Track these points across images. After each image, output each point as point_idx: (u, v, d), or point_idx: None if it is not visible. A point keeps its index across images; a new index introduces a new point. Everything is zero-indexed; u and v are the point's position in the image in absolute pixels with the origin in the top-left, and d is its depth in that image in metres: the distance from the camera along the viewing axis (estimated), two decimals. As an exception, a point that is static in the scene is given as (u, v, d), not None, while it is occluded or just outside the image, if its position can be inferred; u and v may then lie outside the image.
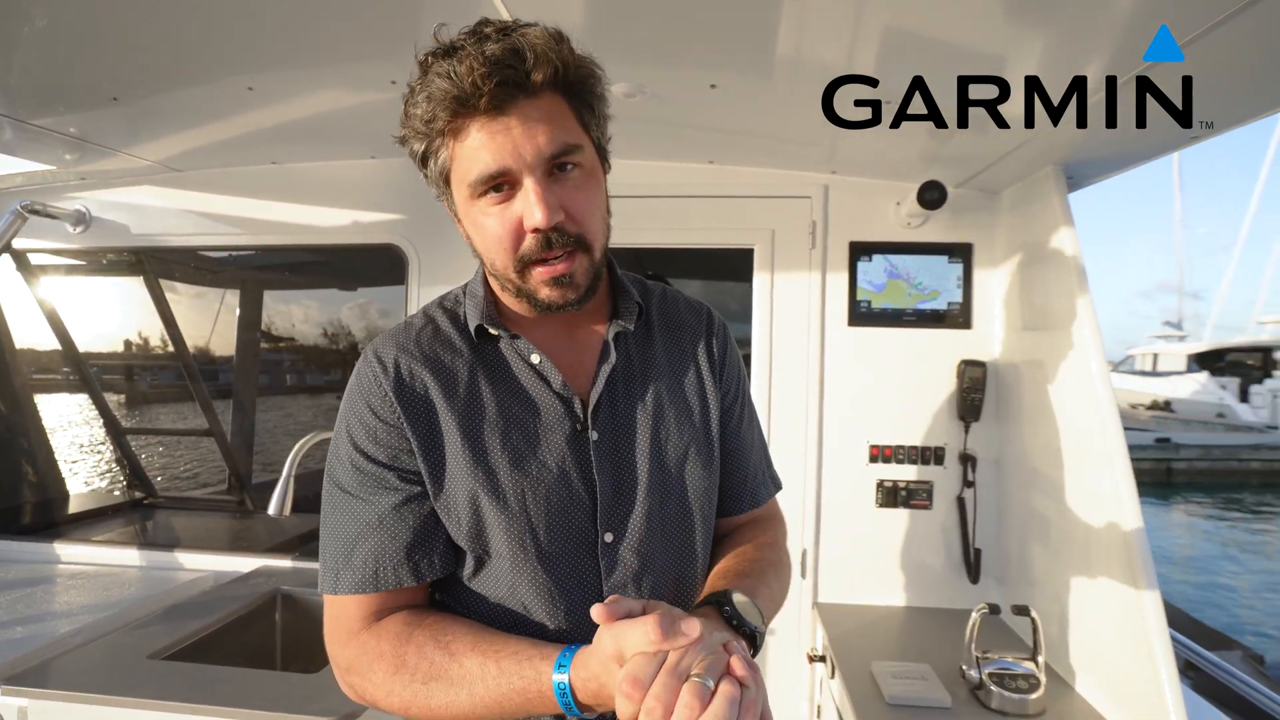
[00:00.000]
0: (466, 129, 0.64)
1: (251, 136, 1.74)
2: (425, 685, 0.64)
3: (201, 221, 2.02)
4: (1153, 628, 1.14)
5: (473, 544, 0.70)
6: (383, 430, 0.70)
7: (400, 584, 0.68)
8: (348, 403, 0.73)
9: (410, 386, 0.71)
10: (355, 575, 0.68)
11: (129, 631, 1.52)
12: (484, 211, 0.66)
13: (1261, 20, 0.84)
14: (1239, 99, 1.09)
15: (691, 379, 0.82)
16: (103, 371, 2.48)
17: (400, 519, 0.69)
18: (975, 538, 1.73)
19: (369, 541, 0.68)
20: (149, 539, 2.29)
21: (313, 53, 1.27)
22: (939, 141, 1.52)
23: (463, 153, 0.65)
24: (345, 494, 0.71)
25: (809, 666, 1.79)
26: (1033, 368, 1.58)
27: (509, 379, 0.73)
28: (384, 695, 0.66)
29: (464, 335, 0.75)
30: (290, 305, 2.96)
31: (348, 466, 0.71)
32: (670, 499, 0.76)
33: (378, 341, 0.75)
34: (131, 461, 2.52)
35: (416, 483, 0.70)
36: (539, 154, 0.63)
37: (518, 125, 0.63)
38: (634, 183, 1.85)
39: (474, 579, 0.72)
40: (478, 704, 0.62)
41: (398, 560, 0.68)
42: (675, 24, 1.10)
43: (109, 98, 1.44)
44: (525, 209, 0.64)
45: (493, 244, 0.67)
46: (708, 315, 0.88)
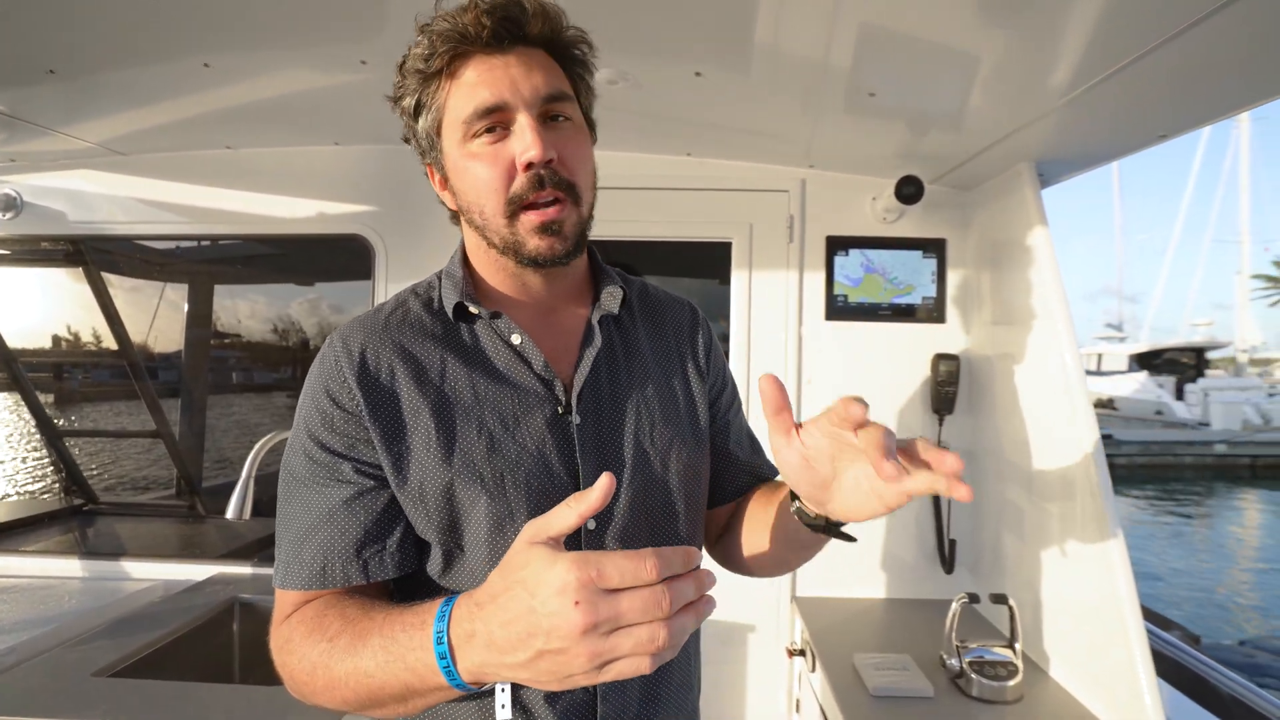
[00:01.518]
0: (464, 67, 0.65)
1: (205, 118, 1.64)
2: (330, 644, 0.59)
3: (148, 209, 1.90)
4: (1128, 613, 1.16)
5: (445, 536, 0.67)
6: (340, 419, 0.67)
7: (348, 581, 0.65)
8: (308, 389, 0.70)
9: (375, 374, 0.68)
10: (304, 571, 0.65)
11: (70, 648, 1.41)
12: (474, 153, 0.65)
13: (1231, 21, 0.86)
14: (1199, 102, 1.13)
15: (676, 368, 0.81)
16: (31, 370, 2.31)
17: (351, 514, 0.65)
18: (950, 529, 1.76)
19: (319, 536, 0.65)
20: (90, 547, 2.14)
21: (277, 30, 1.20)
22: (915, 137, 1.53)
23: (459, 90, 0.65)
24: (299, 483, 0.67)
25: (788, 661, 1.79)
26: (1005, 361, 1.61)
27: (485, 362, 0.71)
28: (299, 666, 0.61)
29: (438, 318, 0.73)
30: (236, 300, 2.81)
31: (301, 455, 0.68)
32: (655, 487, 0.74)
33: (345, 326, 0.72)
34: (69, 465, 2.35)
35: (372, 476, 0.67)
36: (535, 92, 0.64)
37: (516, 64, 0.64)
38: (612, 174, 1.79)
39: (445, 575, 0.68)
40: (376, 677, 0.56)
41: (346, 557, 0.65)
42: (660, 10, 1.08)
43: (44, 70, 1.34)
44: (519, 145, 0.64)
45: (483, 187, 0.65)
46: (690, 307, 0.88)
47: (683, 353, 0.83)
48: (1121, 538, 1.22)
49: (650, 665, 0.46)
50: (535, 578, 0.47)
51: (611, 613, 0.45)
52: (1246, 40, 0.91)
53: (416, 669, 0.53)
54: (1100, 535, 1.24)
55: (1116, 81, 1.07)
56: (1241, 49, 0.93)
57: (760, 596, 1.82)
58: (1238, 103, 1.11)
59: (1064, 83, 1.12)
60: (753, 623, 1.83)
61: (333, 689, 0.58)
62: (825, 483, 0.60)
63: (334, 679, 0.58)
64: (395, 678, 0.55)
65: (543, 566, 0.47)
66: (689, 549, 0.48)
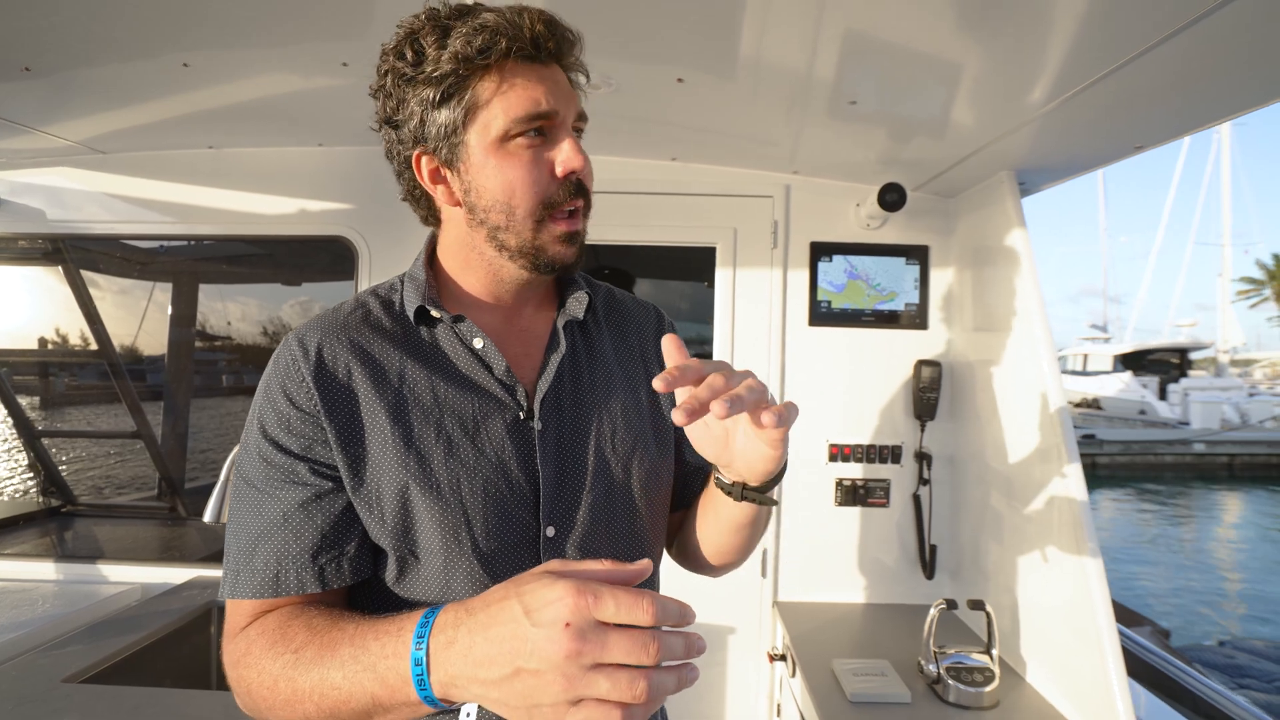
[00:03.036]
0: (516, 70, 0.65)
1: (187, 118, 1.62)
2: (295, 655, 0.57)
3: (129, 208, 1.88)
4: (1100, 617, 1.18)
5: (399, 542, 0.65)
6: (297, 419, 0.65)
7: (303, 589, 0.62)
8: (262, 389, 0.68)
9: (333, 373, 0.66)
10: (255, 578, 0.62)
11: (42, 653, 1.39)
12: (514, 153, 0.66)
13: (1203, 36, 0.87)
14: (1175, 115, 1.14)
15: (640, 373, 0.81)
16: (13, 370, 2.28)
17: (307, 517, 0.63)
18: (930, 534, 1.77)
19: (272, 541, 0.63)
20: (67, 550, 2.11)
21: (256, 30, 1.19)
22: (898, 144, 1.54)
23: (510, 90, 0.65)
24: (251, 488, 0.65)
25: (769, 665, 1.79)
26: (986, 367, 1.62)
27: (445, 365, 0.70)
28: (258, 680, 0.58)
29: (398, 320, 0.72)
30: (227, 302, 2.79)
31: (256, 458, 0.65)
32: (616, 494, 0.73)
33: (302, 325, 0.71)
34: (47, 467, 2.32)
35: (329, 478, 0.65)
36: (575, 109, 0.68)
37: (560, 79, 0.67)
38: (597, 178, 1.81)
39: (399, 582, 0.66)
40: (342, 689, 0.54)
41: (301, 563, 0.63)
42: (644, 15, 1.08)
43: (19, 68, 1.31)
44: (564, 155, 0.66)
45: (522, 186, 0.66)
46: (655, 312, 0.88)
47: (647, 358, 0.83)
48: (1096, 544, 1.23)
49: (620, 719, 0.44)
50: (533, 593, 0.47)
51: (598, 645, 0.44)
52: (1219, 54, 0.92)
53: (386, 679, 0.51)
54: (1075, 541, 1.25)
55: (1092, 94, 1.09)
56: (1214, 63, 0.95)
57: (742, 601, 1.83)
58: (1212, 115, 1.13)
59: (1042, 94, 1.13)
60: (734, 626, 1.84)
61: (295, 703, 0.56)
62: (724, 440, 0.64)
63: (297, 691, 0.56)
64: (362, 689, 0.53)
65: (543, 585, 0.47)
66: (686, 605, 0.47)
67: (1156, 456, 14.77)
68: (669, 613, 0.46)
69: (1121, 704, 1.13)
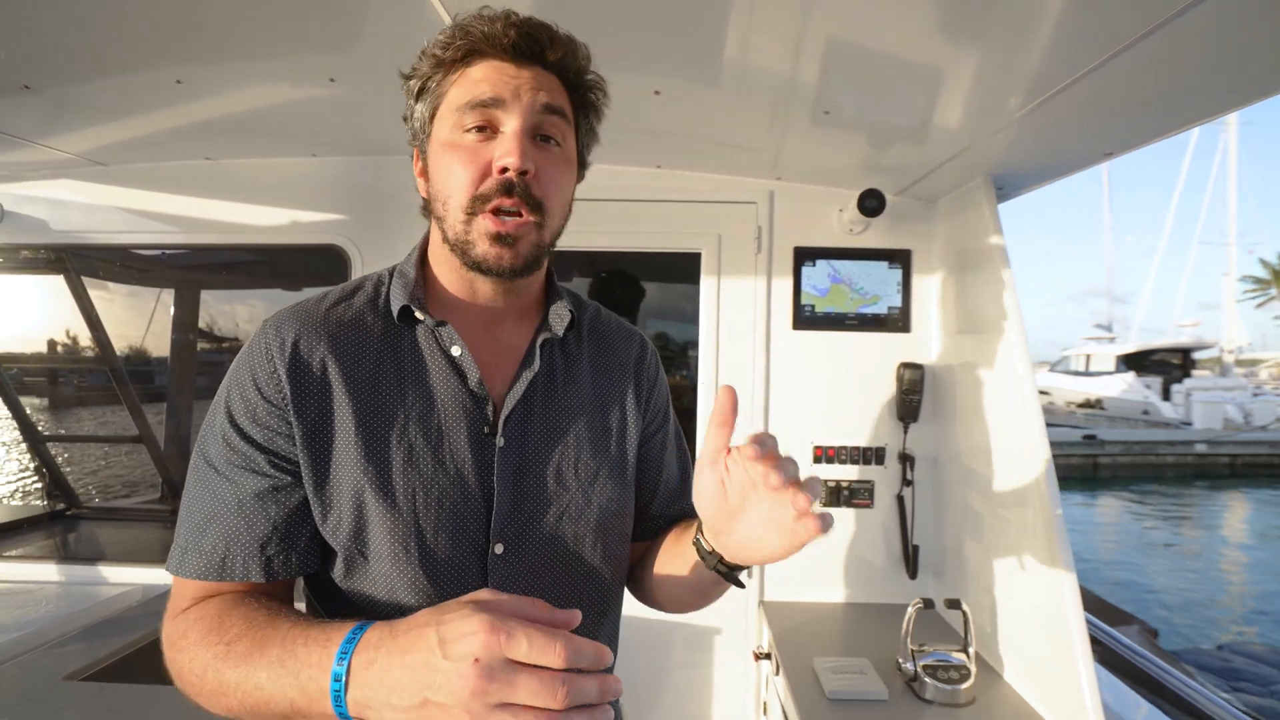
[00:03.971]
0: (476, 63, 0.66)
1: (182, 131, 1.67)
2: (227, 647, 0.56)
3: (129, 218, 1.93)
4: (1070, 617, 1.20)
5: (350, 543, 0.65)
6: (264, 409, 0.65)
7: (247, 578, 0.62)
8: (233, 373, 0.67)
9: (307, 366, 0.66)
10: (202, 559, 0.62)
11: (44, 652, 1.44)
12: (457, 144, 0.66)
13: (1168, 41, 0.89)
14: (1141, 122, 1.17)
15: (614, 402, 0.79)
16: (22, 374, 2.33)
17: (261, 507, 0.63)
18: (913, 534, 1.80)
19: (223, 524, 0.63)
20: (70, 552, 2.16)
21: (248, 46, 1.23)
22: (878, 150, 1.57)
23: (465, 80, 0.66)
24: (210, 469, 0.65)
25: (755, 664, 1.82)
26: (966, 370, 1.65)
27: (420, 369, 0.69)
28: (189, 666, 0.58)
29: (380, 316, 0.71)
30: (235, 304, 2.84)
31: (219, 441, 0.65)
32: (570, 519, 0.72)
33: (280, 313, 0.69)
34: (51, 470, 2.37)
35: (288, 472, 0.65)
36: (534, 102, 0.66)
37: (526, 77, 0.66)
38: (581, 186, 1.85)
39: (347, 579, 0.67)
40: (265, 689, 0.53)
41: (249, 552, 0.63)
42: (620, 28, 1.11)
43: (19, 85, 1.36)
44: (501, 150, 0.64)
45: (456, 178, 0.65)
46: (640, 341, 0.86)
47: (624, 385, 0.81)
48: (1067, 545, 1.26)
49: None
50: (449, 624, 0.47)
51: (505, 685, 0.44)
52: (1186, 59, 0.94)
53: (307, 688, 0.51)
54: (1048, 542, 1.28)
55: (1064, 99, 1.11)
56: (1182, 67, 0.96)
57: (727, 600, 1.84)
58: (1180, 120, 1.15)
59: (1016, 99, 1.16)
60: (720, 626, 1.87)
61: (221, 695, 0.56)
62: (733, 513, 0.61)
63: (224, 684, 0.55)
64: (283, 694, 0.52)
65: (461, 617, 0.47)
66: (602, 648, 0.47)
67: (1158, 457, 14.72)
68: (583, 656, 0.45)
69: (1090, 702, 1.15)
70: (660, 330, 2.03)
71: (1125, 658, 1.93)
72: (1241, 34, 0.86)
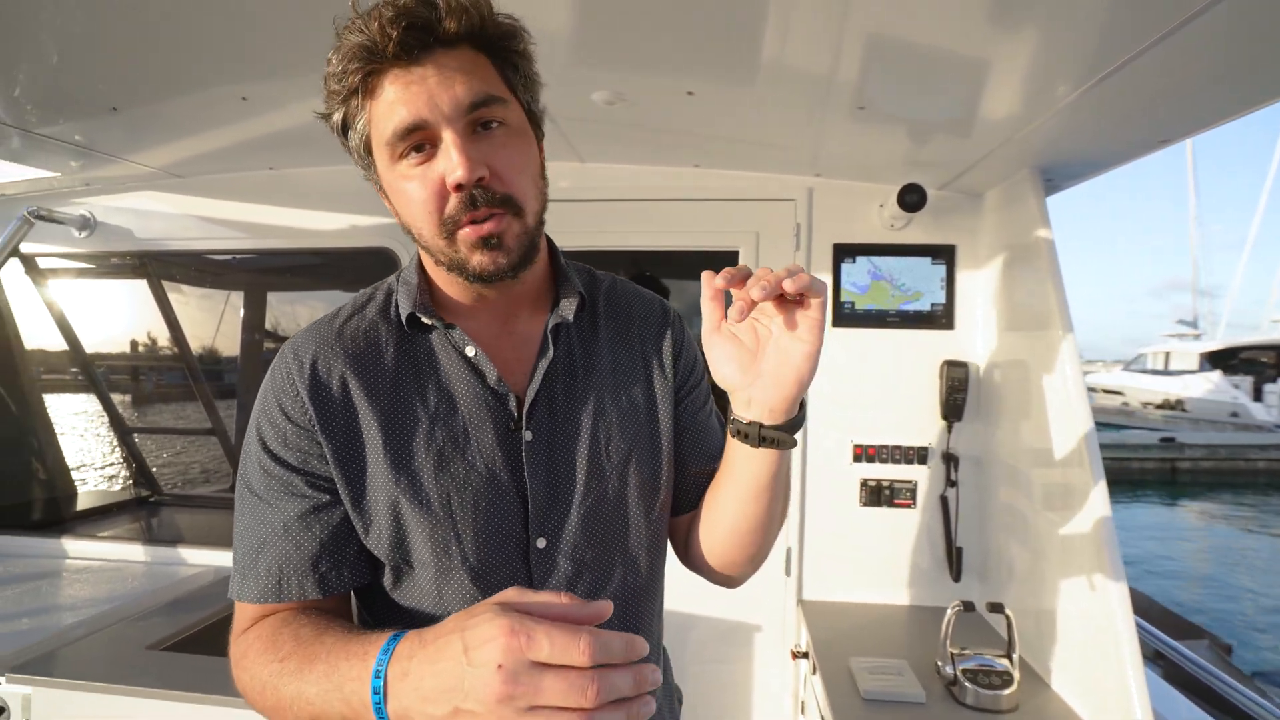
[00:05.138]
0: (379, 84, 0.60)
1: (248, 144, 1.79)
2: (281, 664, 0.58)
3: (203, 225, 2.08)
4: (1120, 625, 1.16)
5: (393, 554, 0.66)
6: (293, 433, 0.65)
7: (304, 596, 0.64)
8: (260, 401, 0.68)
9: (327, 386, 0.66)
10: (259, 583, 0.64)
11: (130, 624, 1.58)
12: (405, 175, 0.61)
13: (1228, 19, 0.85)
14: (1200, 104, 1.11)
15: (640, 375, 0.77)
16: (110, 372, 2.54)
17: (306, 528, 0.64)
18: (957, 536, 1.75)
19: (274, 549, 0.64)
20: (153, 535, 2.35)
21: (304, 63, 1.31)
22: (918, 144, 1.54)
23: (378, 110, 0.60)
24: (254, 496, 0.66)
25: (793, 663, 1.82)
26: (1014, 368, 1.60)
27: (438, 374, 0.69)
28: (251, 683, 0.60)
29: (393, 326, 0.70)
30: (296, 306, 3.01)
31: (257, 468, 0.66)
32: (609, 503, 0.71)
33: (297, 336, 0.70)
34: (137, 460, 2.58)
35: (326, 490, 0.66)
36: (457, 104, 0.59)
37: (433, 75, 0.59)
38: (619, 186, 1.88)
39: (395, 590, 0.68)
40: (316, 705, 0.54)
41: (302, 571, 0.64)
42: (654, 32, 1.13)
43: (108, 107, 1.49)
44: (446, 165, 0.59)
45: (417, 209, 0.62)
46: (661, 305, 0.83)
47: (647, 354, 0.78)
48: (1117, 550, 1.21)
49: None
50: (473, 629, 0.46)
51: (531, 688, 0.43)
52: (1246, 38, 0.89)
53: (351, 701, 0.52)
54: (1097, 546, 1.23)
55: (1113, 83, 1.05)
56: (1241, 48, 0.91)
57: (766, 599, 1.86)
58: (1242, 104, 1.09)
59: (1062, 86, 1.11)
60: (759, 624, 1.87)
61: (280, 710, 0.58)
62: (754, 353, 0.63)
63: (281, 700, 0.57)
64: (332, 707, 0.53)
65: (483, 621, 0.46)
66: (633, 639, 0.46)
67: (1248, 461, 13.63)
68: (610, 650, 0.44)
69: (1141, 714, 1.11)
70: None
71: (1191, 673, 1.83)
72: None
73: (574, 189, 1.90)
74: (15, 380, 2.36)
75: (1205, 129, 1.15)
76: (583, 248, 1.89)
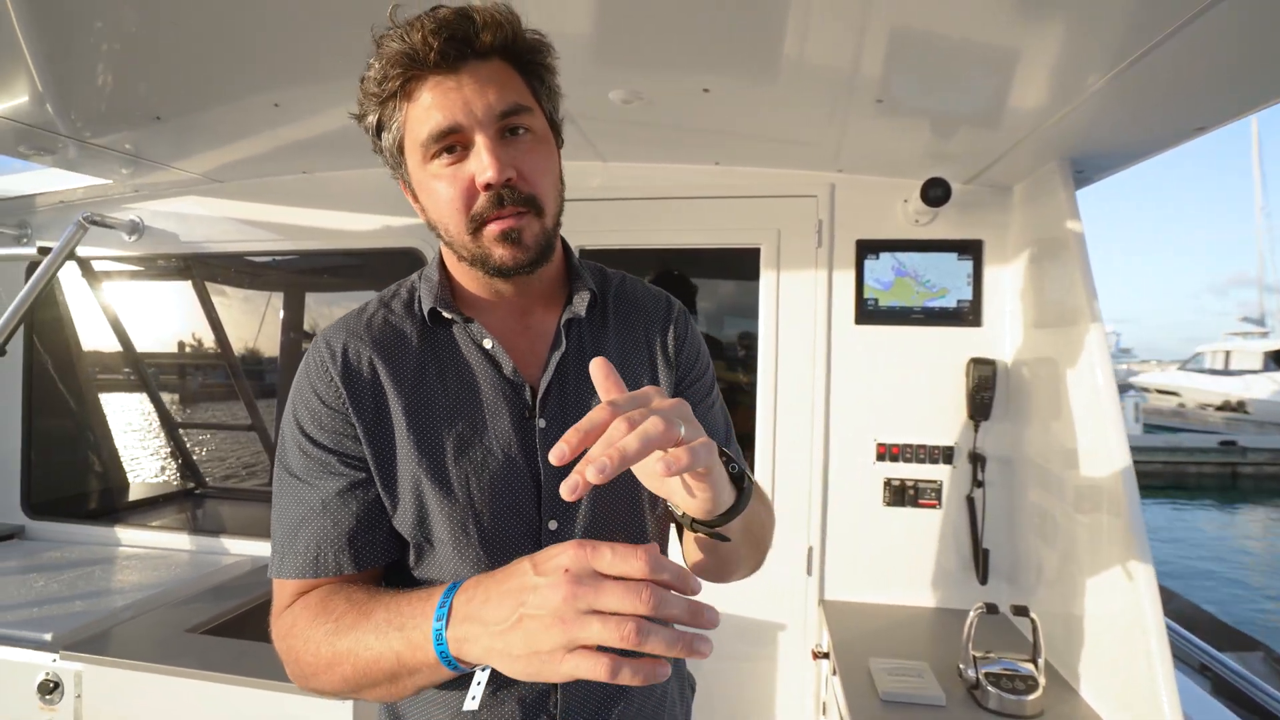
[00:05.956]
0: (418, 89, 0.65)
1: (282, 149, 1.86)
2: (335, 623, 0.62)
3: (242, 228, 2.17)
4: (1151, 631, 1.12)
5: (415, 531, 0.70)
6: (328, 416, 0.70)
7: (340, 570, 0.68)
8: (296, 388, 0.73)
9: (358, 371, 0.71)
10: (298, 560, 0.68)
11: (173, 608, 1.66)
12: (436, 174, 0.66)
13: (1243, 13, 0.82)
14: (1239, 89, 1.06)
15: (645, 366, 0.81)
16: (159, 371, 2.67)
17: (344, 504, 0.69)
18: (984, 538, 1.71)
19: (312, 526, 0.69)
20: (198, 525, 2.45)
21: (332, 70, 1.36)
22: (943, 137, 1.51)
23: (415, 113, 0.65)
24: (293, 478, 0.71)
25: (814, 663, 1.80)
26: (1043, 366, 1.55)
27: (459, 364, 0.73)
28: (303, 647, 0.64)
29: (416, 320, 0.75)
30: (333, 307, 3.12)
31: (295, 451, 0.71)
32: (618, 489, 0.74)
33: (328, 328, 0.75)
34: (184, 454, 2.70)
35: (362, 469, 0.70)
36: (490, 110, 0.64)
37: (469, 83, 0.64)
38: (640, 185, 1.90)
39: (418, 567, 0.73)
40: (374, 649, 0.58)
41: (339, 546, 0.68)
42: (668, 31, 1.13)
43: (153, 117, 1.57)
44: (477, 166, 0.64)
45: (445, 207, 0.67)
46: (666, 302, 0.87)
47: (652, 346, 0.82)
48: (1148, 553, 1.17)
49: (607, 672, 0.46)
50: (544, 555, 0.51)
51: (593, 590, 0.47)
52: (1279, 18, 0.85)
53: (412, 638, 0.56)
54: (1126, 552, 1.19)
55: (1144, 67, 1.01)
56: (1274, 30, 0.87)
57: (789, 598, 1.84)
58: (1278, 90, 1.04)
59: (1090, 72, 1.08)
60: (782, 623, 1.86)
61: (333, 666, 0.61)
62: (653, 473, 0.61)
63: (336, 653, 0.61)
64: (390, 648, 0.57)
65: (554, 550, 0.51)
66: (686, 572, 0.49)
67: (1318, 468, 12.88)
68: (663, 565, 0.48)
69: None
70: (745, 330, 1.95)
71: (1239, 687, 1.75)
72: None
73: (596, 188, 1.92)
74: (74, 380, 2.50)
75: (1243, 115, 1.10)
76: (606, 246, 1.92)
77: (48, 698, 1.41)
